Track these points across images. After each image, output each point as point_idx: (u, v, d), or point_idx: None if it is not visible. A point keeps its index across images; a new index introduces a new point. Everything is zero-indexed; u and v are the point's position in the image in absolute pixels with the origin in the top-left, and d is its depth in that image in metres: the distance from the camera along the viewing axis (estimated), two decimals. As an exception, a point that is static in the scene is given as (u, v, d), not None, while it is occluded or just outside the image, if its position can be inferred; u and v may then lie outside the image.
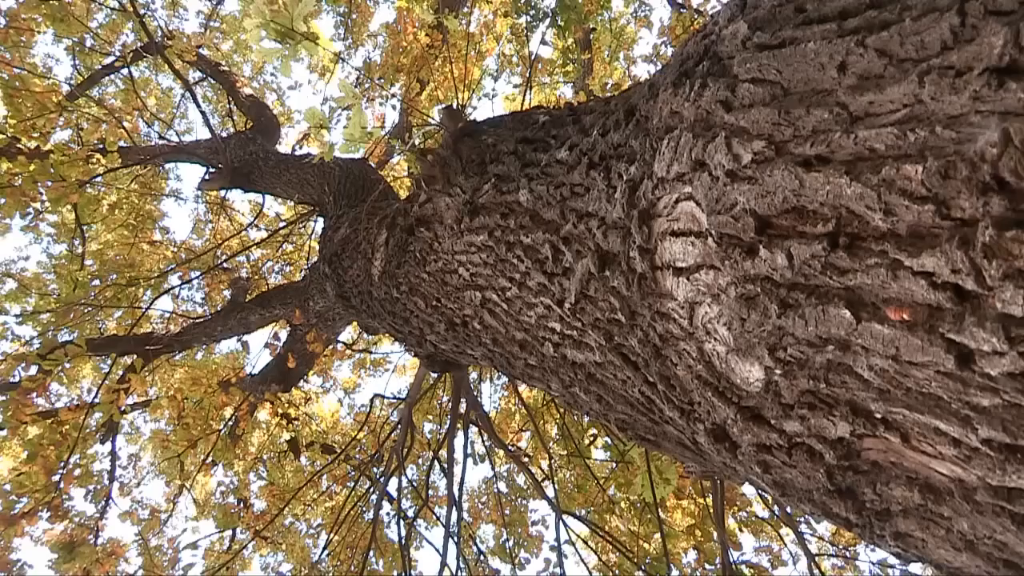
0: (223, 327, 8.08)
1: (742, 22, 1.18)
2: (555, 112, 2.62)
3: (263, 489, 9.87)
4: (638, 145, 1.52)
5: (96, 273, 8.07)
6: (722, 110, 1.17)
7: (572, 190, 1.94)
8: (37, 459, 5.48)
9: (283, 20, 2.75)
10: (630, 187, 1.50)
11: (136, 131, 8.80)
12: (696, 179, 1.23)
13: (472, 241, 2.76)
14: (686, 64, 1.37)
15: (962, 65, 0.79)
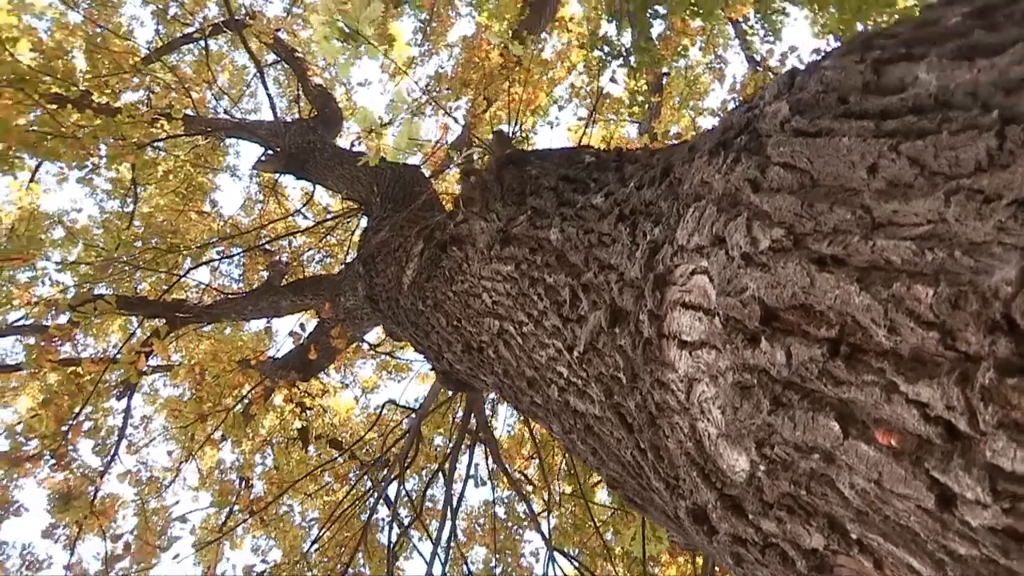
0: (254, 307, 8.14)
1: (785, 102, 1.14)
2: (602, 155, 2.59)
3: (265, 473, 9.91)
4: (666, 207, 1.48)
5: (141, 235, 8.17)
6: (749, 189, 1.13)
7: (600, 238, 1.91)
8: (51, 405, 5.54)
9: (349, 21, 2.76)
10: (651, 249, 1.46)
11: (203, 103, 8.93)
12: (713, 255, 1.19)
13: (499, 270, 2.74)
14: (727, 134, 1.33)
15: (992, 191, 0.75)
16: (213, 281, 9.44)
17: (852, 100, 1.01)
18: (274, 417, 9.90)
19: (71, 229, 9.24)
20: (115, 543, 7.66)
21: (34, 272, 7.84)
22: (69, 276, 7.33)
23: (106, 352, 7.58)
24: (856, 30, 6.34)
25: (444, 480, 6.93)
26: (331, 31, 2.72)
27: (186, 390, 9.16)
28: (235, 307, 8.18)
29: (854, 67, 1.02)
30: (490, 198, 2.91)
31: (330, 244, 10.47)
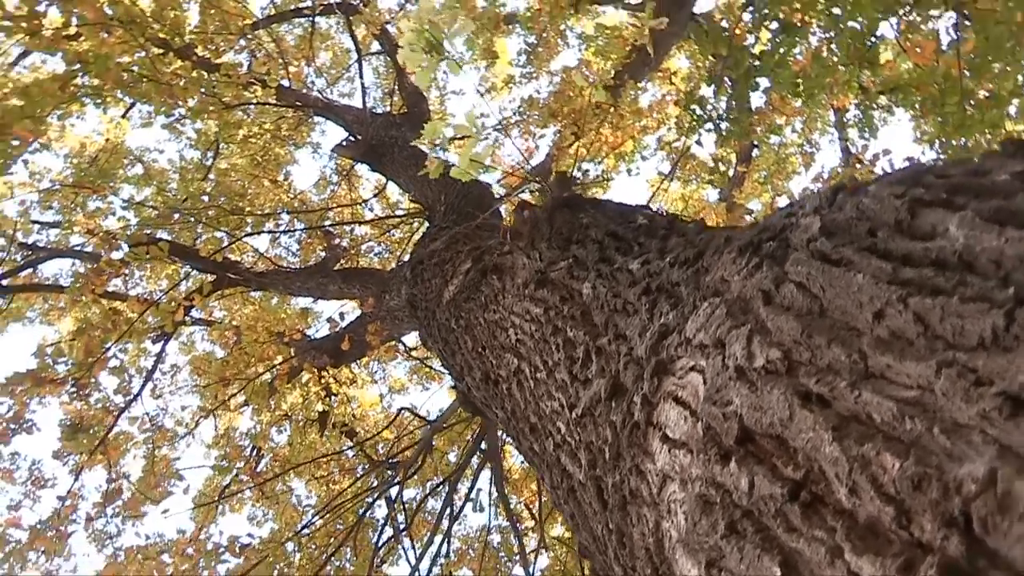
0: (302, 284, 8.22)
1: (818, 219, 1.09)
2: (656, 220, 2.55)
3: (276, 447, 9.99)
4: (686, 294, 1.44)
5: (211, 191, 8.32)
6: (761, 300, 1.08)
7: (624, 305, 1.87)
8: (84, 335, 5.65)
9: (437, 33, 2.77)
10: (661, 332, 1.42)
11: (300, 77, 9.10)
12: (712, 357, 1.14)
13: (529, 309, 2.71)
14: (761, 235, 1.29)
15: (985, 374, 0.69)
16: (270, 250, 9.56)
17: (880, 235, 0.96)
18: (299, 395, 9.96)
19: (149, 169, 9.46)
20: (118, 480, 7.80)
21: (103, 203, 8.04)
22: (133, 214, 7.49)
23: (152, 295, 7.70)
24: (955, 145, 6.20)
25: (445, 495, 6.90)
26: (418, 40, 2.73)
27: (219, 348, 9.30)
28: (284, 280, 8.27)
29: (892, 202, 0.97)
30: (537, 236, 2.89)
31: (391, 239, 10.54)
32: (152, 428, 8.42)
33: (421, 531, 8.39)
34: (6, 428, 5.33)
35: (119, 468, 7.85)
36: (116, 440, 7.47)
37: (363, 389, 10.84)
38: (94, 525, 7.02)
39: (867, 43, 6.30)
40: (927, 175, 1.03)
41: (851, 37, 6.15)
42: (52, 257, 8.73)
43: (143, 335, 6.86)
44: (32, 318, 9.45)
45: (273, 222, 8.64)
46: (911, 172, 1.08)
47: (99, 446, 6.66)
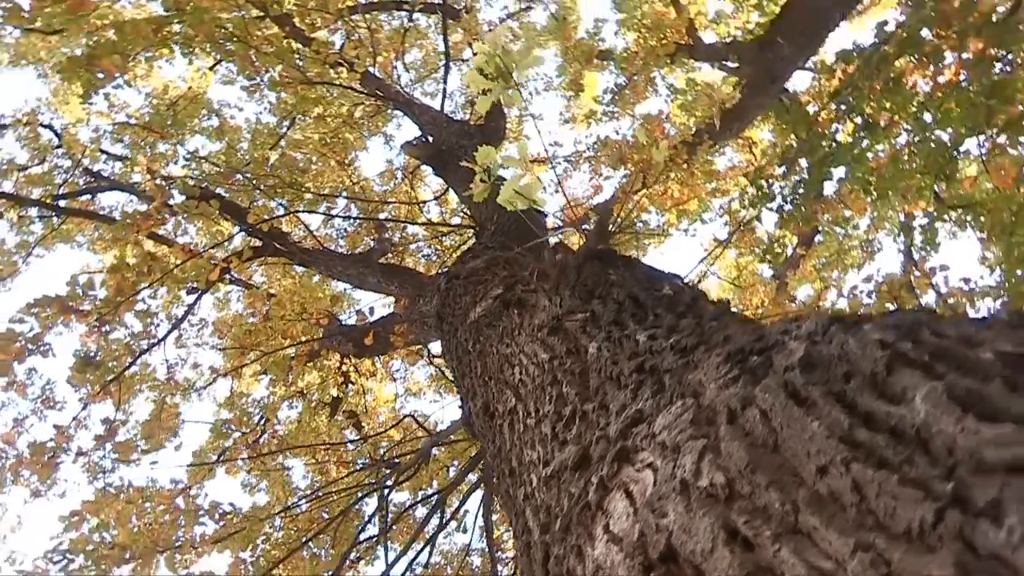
0: (344, 269, 8.28)
1: (803, 348, 1.05)
2: (681, 292, 2.51)
3: (286, 422, 10.07)
4: (669, 384, 1.40)
5: (276, 160, 8.43)
6: (726, 417, 1.05)
7: (617, 375, 1.84)
8: (118, 274, 5.74)
9: (507, 61, 2.76)
10: (634, 419, 1.38)
11: (387, 68, 9.21)
12: (666, 461, 1.11)
13: (537, 353, 2.69)
14: (752, 345, 1.25)
15: (898, 570, 0.65)
16: (320, 229, 9.65)
17: (853, 384, 0.92)
18: (317, 375, 10.02)
19: (223, 125, 9.62)
20: (118, 421, 7.91)
21: (169, 148, 8.19)
22: (194, 166, 7.62)
23: (197, 247, 7.80)
24: (1018, 277, 6.04)
25: (433, 507, 6.88)
26: (487, 64, 2.73)
27: (252, 312, 9.40)
28: (328, 261, 8.34)
29: (873, 351, 0.93)
30: (563, 282, 2.87)
31: (442, 244, 10.57)
32: (168, 376, 8.54)
33: (404, 537, 8.36)
34: (24, 347, 5.43)
35: (126, 408, 7.97)
36: (129, 380, 7.58)
37: (381, 384, 10.86)
38: (90, 457, 7.11)
39: (950, 156, 6.20)
40: (923, 329, 0.99)
41: (935, 146, 6.05)
42: (112, 189, 8.94)
43: (181, 284, 6.96)
44: (80, 243, 9.65)
45: (329, 203, 8.71)
46: (909, 321, 1.03)
47: (110, 383, 6.77)
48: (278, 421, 9.39)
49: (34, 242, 9.41)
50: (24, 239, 9.39)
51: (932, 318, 1.05)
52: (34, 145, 9.22)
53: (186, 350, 9.17)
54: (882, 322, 1.06)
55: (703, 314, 2.20)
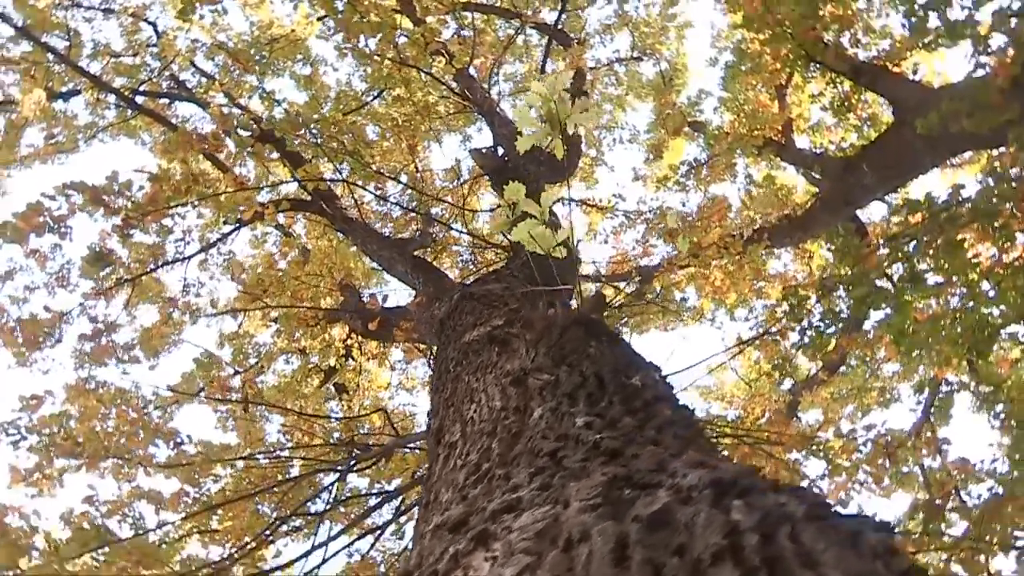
0: (377, 248, 8.33)
1: (662, 503, 1.03)
2: (648, 387, 2.48)
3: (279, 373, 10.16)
4: (554, 485, 1.39)
5: (347, 125, 8.50)
6: (563, 543, 1.03)
7: (538, 451, 1.82)
8: (157, 183, 5.83)
9: (562, 110, 2.76)
10: (509, 505, 1.37)
11: (484, 72, 9.29)
12: (499, 563, 1.09)
13: (495, 397, 2.68)
14: (637, 476, 1.23)
15: None
16: (372, 204, 9.72)
17: (675, 561, 0.90)
18: (323, 340, 10.07)
19: (315, 76, 9.76)
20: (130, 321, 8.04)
21: (254, 81, 8.33)
22: (263, 107, 7.74)
23: (247, 181, 7.88)
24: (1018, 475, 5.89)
25: (379, 502, 6.87)
26: (541, 107, 2.74)
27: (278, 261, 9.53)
28: (365, 236, 8.39)
29: (712, 536, 0.91)
30: (544, 338, 2.85)
31: (483, 257, 10.59)
32: (182, 293, 8.67)
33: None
34: (45, 223, 5.53)
35: (132, 311, 8.11)
36: (143, 286, 7.70)
37: (380, 369, 10.89)
38: (81, 347, 7.22)
39: (992, 334, 6.08)
40: (782, 529, 0.96)
41: (978, 320, 5.95)
42: (189, 101, 9.12)
43: (224, 211, 7.03)
44: (144, 143, 9.84)
45: (381, 182, 8.79)
46: (779, 515, 1.01)
47: (123, 283, 6.89)
48: (272, 371, 9.48)
49: (102, 127, 9.64)
50: (94, 121, 9.62)
51: (811, 516, 1.03)
52: (132, 38, 9.45)
53: (208, 274, 9.32)
54: (758, 504, 1.04)
55: (654, 417, 2.17)
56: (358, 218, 8.48)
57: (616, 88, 12.00)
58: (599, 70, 11.45)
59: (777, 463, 6.22)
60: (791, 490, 1.14)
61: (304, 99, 9.39)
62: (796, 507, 1.03)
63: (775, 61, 8.95)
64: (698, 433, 2.31)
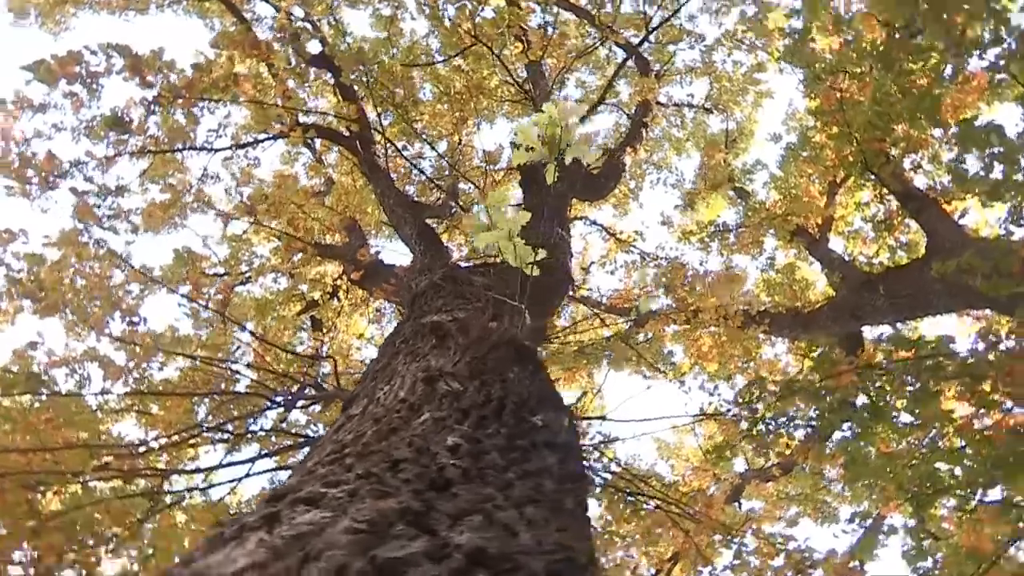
0: (393, 204, 8.31)
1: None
2: (547, 429, 2.48)
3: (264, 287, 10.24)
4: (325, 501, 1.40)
5: (408, 82, 8.50)
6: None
7: (390, 453, 1.83)
8: (197, 72, 5.86)
9: (566, 138, 2.76)
10: (305, 500, 1.38)
11: (554, 72, 9.29)
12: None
13: (404, 386, 2.70)
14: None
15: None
16: (400, 160, 9.74)
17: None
18: (317, 273, 10.10)
19: (393, 20, 9.76)
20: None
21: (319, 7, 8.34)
22: (331, 34, 7.73)
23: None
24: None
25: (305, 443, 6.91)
26: (545, 129, 2.74)
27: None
28: (386, 188, 8.38)
29: None
30: (474, 347, 2.86)
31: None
32: (199, 181, 8.72)
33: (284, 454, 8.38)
34: (80, 74, 5.56)
35: (144, 180, 8.17)
36: (160, 161, 7.73)
37: (362, 318, 10.92)
38: (81, 199, 7.26)
39: (936, 490, 6.05)
40: None
41: (930, 472, 5.92)
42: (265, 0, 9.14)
43: (264, 119, 7.06)
44: (211, 27, 9.85)
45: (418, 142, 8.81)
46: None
47: (144, 153, 6.94)
48: (259, 283, 9.56)
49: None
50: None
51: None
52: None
53: (230, 173, 9.37)
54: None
55: (529, 461, 2.17)
56: (385, 169, 8.50)
57: (679, 131, 11.96)
58: (668, 108, 11.39)
59: (691, 540, 6.21)
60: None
61: (374, 37, 9.37)
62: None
63: (835, 158, 8.89)
64: (572, 491, 2.30)
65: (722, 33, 10.46)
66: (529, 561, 1.27)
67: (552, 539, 1.47)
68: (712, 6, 10.07)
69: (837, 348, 9.12)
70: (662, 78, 10.65)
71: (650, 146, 11.38)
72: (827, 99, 8.25)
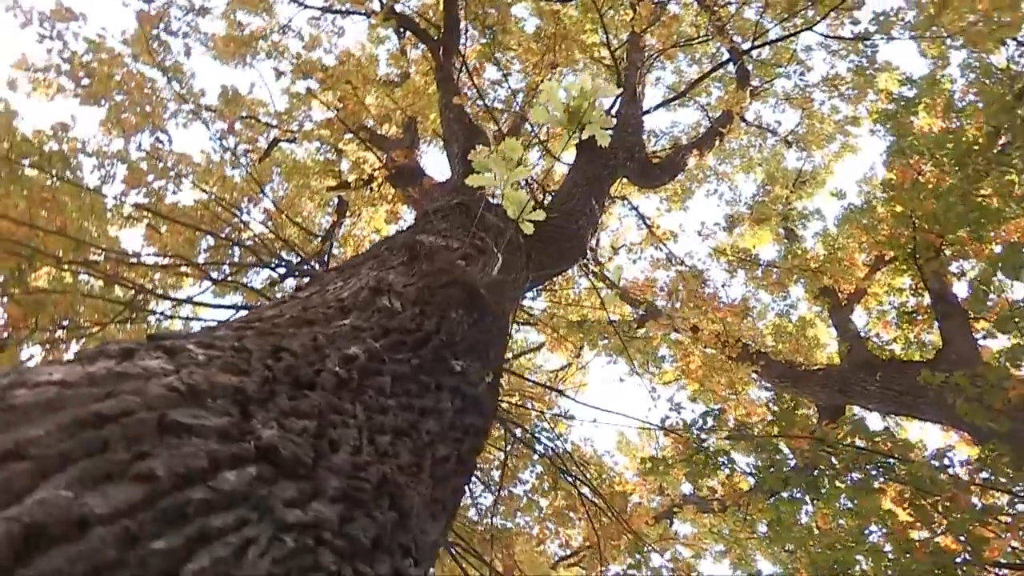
0: (452, 119, 8.29)
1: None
2: (459, 379, 2.53)
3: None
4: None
5: (504, 7, 8.42)
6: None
7: (293, 347, 1.87)
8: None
9: (587, 115, 2.75)
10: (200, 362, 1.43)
11: (651, 51, 9.20)
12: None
13: (352, 288, 2.75)
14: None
15: None
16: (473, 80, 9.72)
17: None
18: (358, 156, 10.14)
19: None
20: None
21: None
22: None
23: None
24: None
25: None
26: (569, 96, 2.73)
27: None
28: (450, 102, 8.40)
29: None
30: (431, 276, 2.90)
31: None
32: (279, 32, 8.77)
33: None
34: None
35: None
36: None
37: (386, 214, 10.97)
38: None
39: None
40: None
41: (840, 561, 5.96)
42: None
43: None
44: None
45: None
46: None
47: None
48: (303, 146, 9.67)
49: None
50: None
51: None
52: None
53: (310, 33, 9.41)
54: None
55: (421, 398, 2.23)
56: (456, 83, 8.48)
57: (755, 152, 11.79)
58: (751, 126, 11.21)
59: (599, 536, 6.30)
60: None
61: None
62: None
63: (888, 235, 8.76)
64: (456, 442, 2.35)
65: (830, 74, 10.23)
66: (328, 478, 1.32)
67: (375, 472, 1.51)
68: (832, 45, 9.82)
69: (813, 411, 9.13)
70: (756, 95, 10.46)
71: (720, 155, 11.26)
72: (903, 175, 8.11)
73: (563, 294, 10.20)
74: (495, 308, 3.07)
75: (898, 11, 7.84)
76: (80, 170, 7.26)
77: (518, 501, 7.44)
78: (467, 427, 2.49)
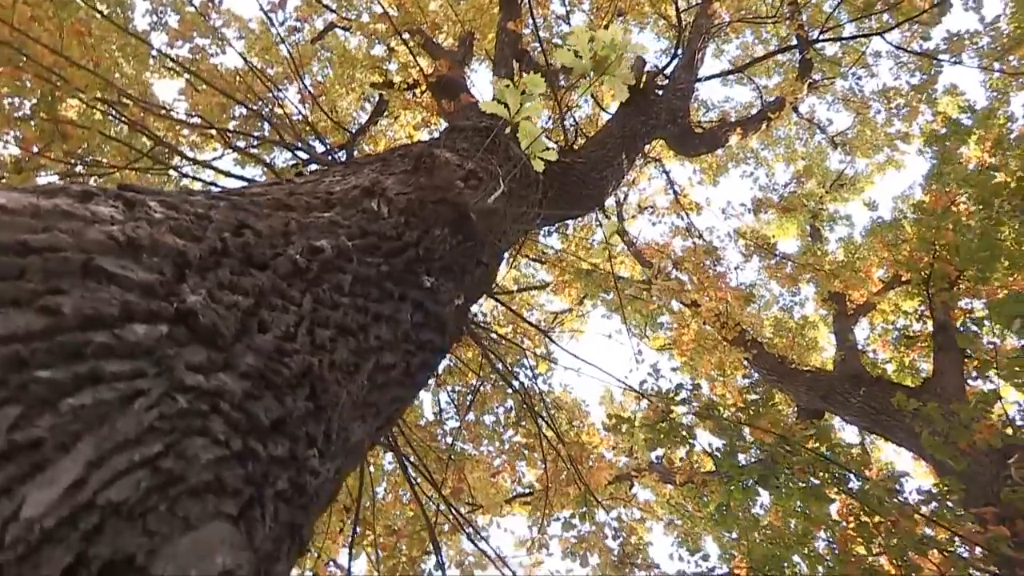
0: (505, 42, 8.23)
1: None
2: (429, 297, 2.57)
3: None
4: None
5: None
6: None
7: (268, 230, 1.91)
8: None
9: (608, 58, 2.73)
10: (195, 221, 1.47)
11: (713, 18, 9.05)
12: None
13: (348, 184, 2.77)
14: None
15: None
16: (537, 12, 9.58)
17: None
18: (409, 59, 10.07)
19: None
20: None
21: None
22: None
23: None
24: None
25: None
26: (597, 43, 2.71)
27: None
28: (507, 27, 8.31)
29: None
30: (426, 192, 2.92)
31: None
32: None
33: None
34: None
35: None
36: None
37: (421, 122, 10.94)
38: None
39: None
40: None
41: (774, 561, 6.08)
42: None
43: None
44: None
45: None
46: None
47: None
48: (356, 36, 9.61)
49: None
50: None
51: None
52: None
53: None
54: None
55: (381, 304, 2.26)
56: (520, 9, 8.39)
57: (800, 144, 11.63)
58: (802, 119, 11.05)
59: (550, 480, 6.42)
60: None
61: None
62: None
63: (908, 256, 8.69)
64: (408, 354, 2.40)
65: (890, 85, 10.03)
66: (244, 354, 1.36)
67: (300, 360, 1.56)
68: (901, 56, 9.60)
69: (792, 409, 9.18)
70: (815, 88, 10.28)
71: (764, 140, 11.12)
72: (936, 201, 8.00)
73: (577, 238, 10.21)
74: (483, 235, 3.10)
75: (973, 35, 7.63)
76: (132, 10, 7.30)
77: (485, 430, 7.56)
78: (423, 342, 2.53)
